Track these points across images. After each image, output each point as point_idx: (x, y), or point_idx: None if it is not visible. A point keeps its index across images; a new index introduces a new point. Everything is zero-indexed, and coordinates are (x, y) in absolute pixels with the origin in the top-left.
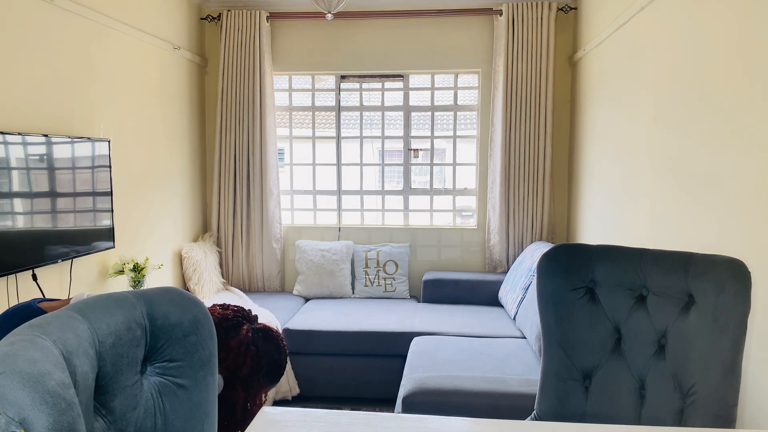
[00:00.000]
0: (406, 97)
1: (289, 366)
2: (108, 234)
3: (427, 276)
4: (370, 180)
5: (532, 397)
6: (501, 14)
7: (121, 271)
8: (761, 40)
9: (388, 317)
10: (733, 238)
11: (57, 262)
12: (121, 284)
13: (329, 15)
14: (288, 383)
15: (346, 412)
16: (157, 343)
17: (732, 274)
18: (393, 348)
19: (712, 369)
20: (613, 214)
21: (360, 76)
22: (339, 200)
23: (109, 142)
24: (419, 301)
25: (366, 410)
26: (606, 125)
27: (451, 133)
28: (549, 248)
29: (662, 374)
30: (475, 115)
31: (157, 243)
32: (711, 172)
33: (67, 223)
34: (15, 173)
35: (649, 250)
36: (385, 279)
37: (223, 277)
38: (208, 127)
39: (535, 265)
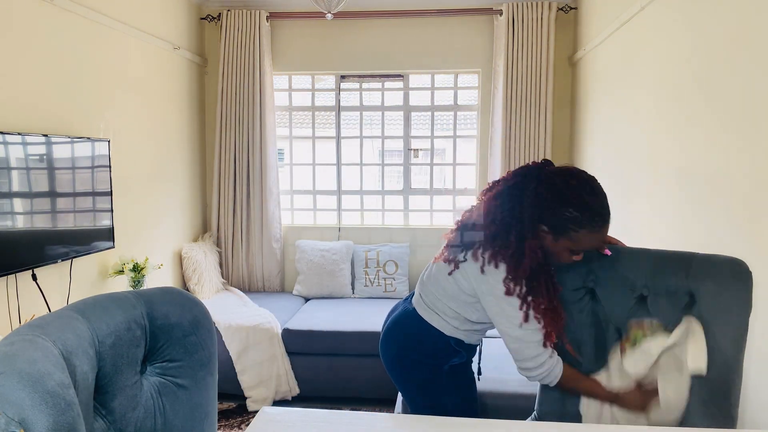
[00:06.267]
0: (406, 97)
1: (289, 366)
2: (108, 234)
3: None
4: (370, 180)
5: (532, 397)
6: (501, 14)
7: (121, 271)
8: (761, 39)
9: None
10: (734, 237)
11: (57, 262)
12: (121, 284)
13: (329, 15)
14: (288, 383)
15: (346, 412)
16: (157, 343)
17: (733, 274)
18: None
19: (712, 369)
20: (613, 214)
21: (360, 76)
22: (339, 200)
23: (109, 142)
24: None
25: (366, 410)
26: (606, 125)
27: (451, 133)
28: None
29: None
30: (475, 115)
31: (156, 243)
32: (711, 172)
33: (67, 223)
34: (15, 173)
35: (649, 250)
36: (385, 279)
37: (223, 277)
38: (208, 127)
39: None
